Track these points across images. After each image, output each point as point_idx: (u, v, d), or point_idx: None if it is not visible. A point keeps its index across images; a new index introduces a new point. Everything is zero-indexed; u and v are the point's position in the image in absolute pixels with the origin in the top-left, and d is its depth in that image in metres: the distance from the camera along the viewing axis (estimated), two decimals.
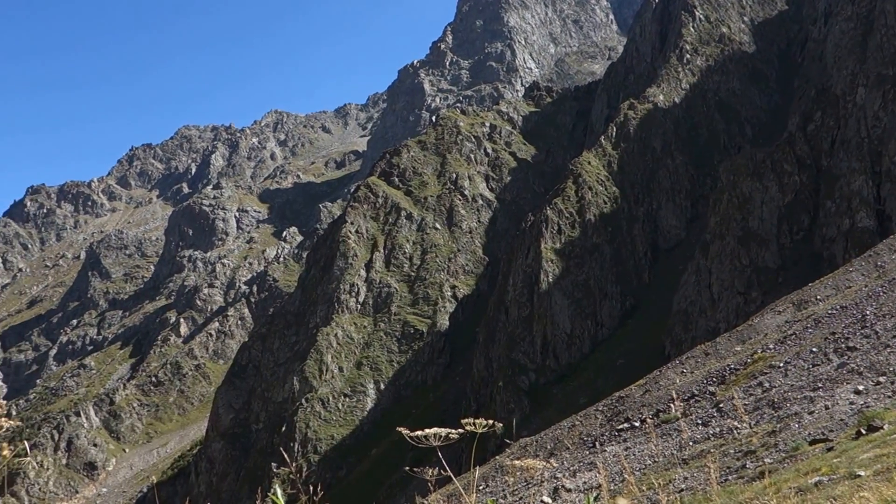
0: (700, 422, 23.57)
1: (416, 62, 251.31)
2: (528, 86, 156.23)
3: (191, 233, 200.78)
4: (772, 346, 28.86)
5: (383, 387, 79.25)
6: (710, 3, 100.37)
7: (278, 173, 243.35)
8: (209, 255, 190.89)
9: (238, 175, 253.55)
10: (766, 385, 24.05)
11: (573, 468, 24.94)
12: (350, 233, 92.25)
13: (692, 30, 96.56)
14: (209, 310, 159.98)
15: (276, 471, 70.09)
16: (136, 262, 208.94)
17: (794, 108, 68.97)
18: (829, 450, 14.33)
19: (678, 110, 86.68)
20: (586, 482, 22.28)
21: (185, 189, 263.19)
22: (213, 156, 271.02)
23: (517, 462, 5.81)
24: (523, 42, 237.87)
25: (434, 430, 4.37)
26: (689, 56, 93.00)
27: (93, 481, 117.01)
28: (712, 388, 27.15)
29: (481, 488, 28.96)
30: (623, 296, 69.74)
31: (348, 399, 77.63)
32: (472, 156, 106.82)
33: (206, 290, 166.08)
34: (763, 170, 59.49)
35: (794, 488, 11.05)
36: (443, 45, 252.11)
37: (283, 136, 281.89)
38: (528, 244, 71.07)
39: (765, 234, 56.91)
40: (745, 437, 19.14)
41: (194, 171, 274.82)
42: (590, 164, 79.49)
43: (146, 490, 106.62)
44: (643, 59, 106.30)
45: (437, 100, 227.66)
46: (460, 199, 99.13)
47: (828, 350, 24.40)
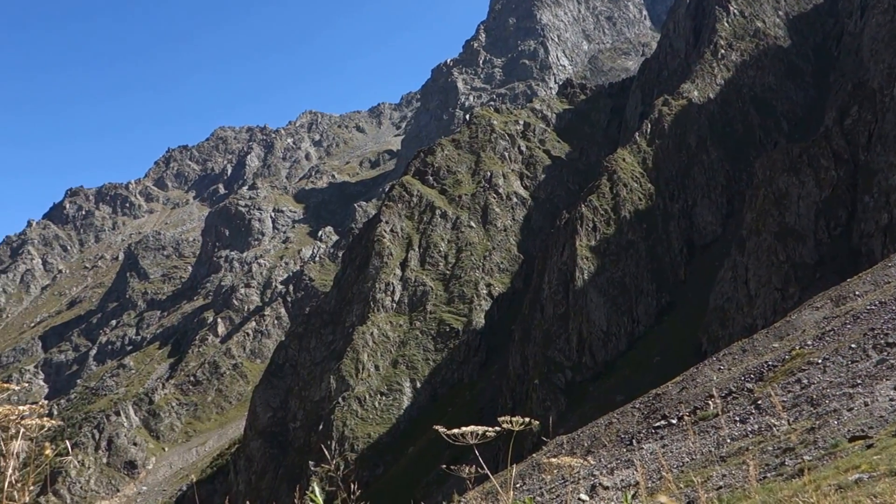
0: (738, 419, 23.48)
1: (449, 61, 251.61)
2: (561, 83, 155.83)
3: (227, 233, 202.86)
4: (810, 343, 28.65)
5: (419, 385, 79.58)
6: None
7: (313, 173, 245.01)
8: (245, 255, 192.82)
9: (273, 175, 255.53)
10: (805, 382, 23.90)
11: (610, 466, 24.98)
12: (385, 232, 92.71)
13: (726, 25, 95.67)
14: (246, 309, 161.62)
15: (313, 469, 70.66)
16: (174, 263, 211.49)
17: (831, 103, 68.19)
18: (869, 447, 14.27)
19: (713, 106, 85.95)
20: (624, 480, 22.32)
21: (222, 190, 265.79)
22: (249, 156, 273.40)
23: (554, 460, 5.69)
24: (556, 39, 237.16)
25: (471, 427, 4.30)
26: (723, 51, 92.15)
27: (133, 480, 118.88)
28: (750, 385, 27.01)
29: (518, 486, 29.05)
30: (659, 293, 69.39)
31: (384, 397, 78.06)
32: (506, 154, 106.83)
33: (242, 290, 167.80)
34: (800, 165, 58.84)
35: (833, 485, 11.02)
36: (476, 44, 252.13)
37: (317, 137, 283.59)
38: (563, 242, 70.96)
39: (802, 230, 56.31)
40: (784, 434, 19.06)
41: (230, 171, 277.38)
42: (624, 160, 79.16)
43: (185, 488, 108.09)
44: (677, 55, 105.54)
45: (471, 98, 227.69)
46: (495, 198, 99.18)
47: (867, 346, 24.20)
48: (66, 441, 5.11)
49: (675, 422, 27.27)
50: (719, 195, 79.21)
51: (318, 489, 3.80)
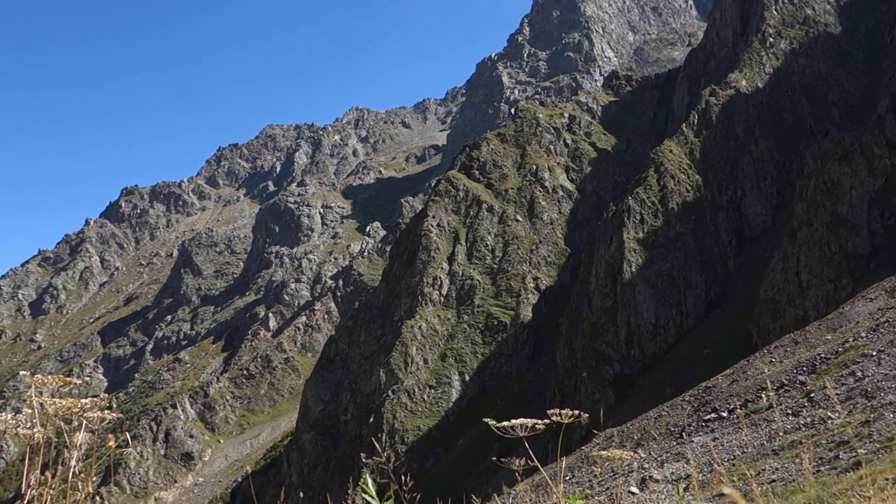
0: (790, 412, 23.43)
1: (493, 55, 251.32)
2: (606, 75, 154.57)
3: (277, 229, 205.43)
4: (864, 335, 28.39)
5: (468, 378, 79.97)
6: None
7: (360, 169, 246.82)
8: (295, 250, 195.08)
9: (321, 172, 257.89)
10: (859, 374, 23.75)
11: (660, 458, 25.09)
12: (432, 226, 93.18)
13: (775, 13, 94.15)
14: (296, 304, 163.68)
15: (365, 461, 71.51)
16: (226, 259, 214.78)
17: (883, 90, 66.78)
18: None
19: (762, 95, 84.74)
20: (674, 472, 22.45)
21: (271, 187, 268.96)
22: (297, 154, 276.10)
23: (604, 452, 5.77)
24: (601, 31, 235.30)
25: (520, 420, 4.32)
26: (772, 40, 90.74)
27: (190, 471, 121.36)
28: (802, 378, 26.89)
29: (568, 478, 29.26)
30: (708, 285, 68.81)
31: (433, 390, 78.61)
32: (551, 147, 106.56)
33: (293, 286, 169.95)
34: (852, 154, 57.83)
35: (890, 479, 11.04)
36: (520, 38, 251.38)
37: (364, 133, 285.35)
38: (610, 234, 70.71)
39: (854, 220, 55.40)
40: (838, 427, 19.04)
41: (279, 169, 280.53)
42: (671, 152, 78.53)
43: (240, 479, 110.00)
44: (724, 45, 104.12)
45: (516, 92, 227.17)
46: (541, 191, 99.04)
47: None
48: (126, 433, 5.31)
49: (725, 415, 27.26)
50: (769, 186, 78.16)
51: (370, 481, 3.79)
